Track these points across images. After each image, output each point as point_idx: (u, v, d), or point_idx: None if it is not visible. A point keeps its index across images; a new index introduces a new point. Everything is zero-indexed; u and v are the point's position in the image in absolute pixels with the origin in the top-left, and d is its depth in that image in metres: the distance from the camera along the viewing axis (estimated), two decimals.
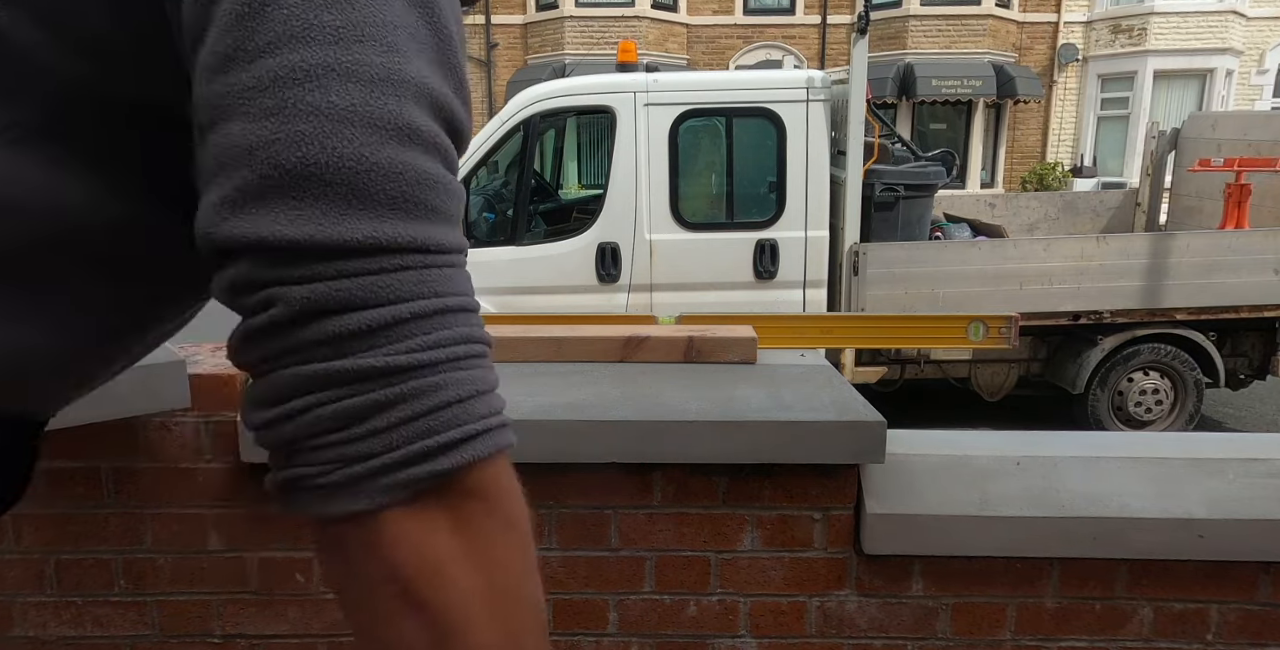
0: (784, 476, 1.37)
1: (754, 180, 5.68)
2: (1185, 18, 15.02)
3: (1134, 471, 1.42)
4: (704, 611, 1.42)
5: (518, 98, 5.72)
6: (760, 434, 1.33)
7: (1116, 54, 15.59)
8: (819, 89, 5.50)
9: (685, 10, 15.83)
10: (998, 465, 1.44)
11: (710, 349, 1.68)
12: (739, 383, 1.53)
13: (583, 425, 1.33)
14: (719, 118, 5.60)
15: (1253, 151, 5.97)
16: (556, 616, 1.43)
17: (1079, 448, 1.50)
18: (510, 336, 1.69)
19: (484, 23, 15.48)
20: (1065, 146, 16.14)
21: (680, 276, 5.45)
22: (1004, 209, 7.21)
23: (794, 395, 1.45)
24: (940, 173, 5.82)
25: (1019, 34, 15.84)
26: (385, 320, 0.45)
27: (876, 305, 5.37)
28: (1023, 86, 15.02)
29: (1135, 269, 5.50)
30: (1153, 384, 5.78)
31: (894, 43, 15.20)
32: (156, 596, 1.41)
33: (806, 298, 5.57)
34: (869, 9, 5.59)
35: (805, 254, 5.54)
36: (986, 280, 5.42)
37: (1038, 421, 5.94)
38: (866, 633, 1.42)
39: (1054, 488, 1.39)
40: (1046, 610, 1.40)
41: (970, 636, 1.41)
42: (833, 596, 1.41)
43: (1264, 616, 1.38)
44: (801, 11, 16.10)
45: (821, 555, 1.40)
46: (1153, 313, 5.59)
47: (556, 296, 5.24)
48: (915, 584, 1.41)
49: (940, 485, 1.40)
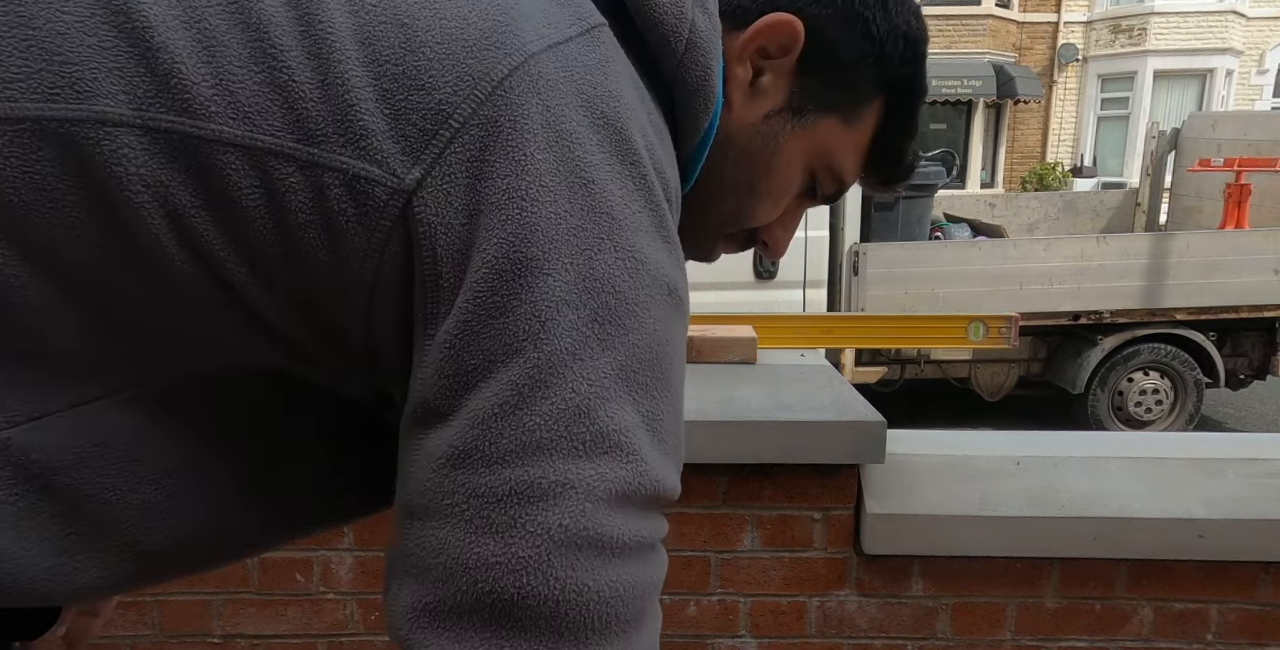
0: (784, 476, 1.37)
1: None
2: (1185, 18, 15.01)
3: (1134, 471, 1.42)
4: (704, 611, 1.42)
5: None
6: (760, 434, 1.33)
7: (1116, 54, 15.59)
8: None
9: None
10: (998, 465, 1.44)
11: (710, 349, 1.68)
12: (739, 383, 1.53)
13: None
14: None
15: (1253, 151, 5.96)
16: None
17: (1079, 448, 1.50)
18: None
19: None
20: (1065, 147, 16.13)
21: None
22: (1004, 209, 7.20)
23: (794, 395, 1.45)
24: (940, 173, 5.82)
25: (1019, 34, 15.83)
26: None
27: (876, 305, 5.36)
28: (1023, 86, 15.00)
29: (1135, 269, 5.50)
30: (1153, 384, 5.77)
31: None
32: (156, 596, 1.41)
33: (806, 298, 5.56)
34: None
35: (805, 254, 5.52)
36: (986, 280, 5.41)
37: (1038, 421, 5.94)
38: (866, 633, 1.42)
39: (1054, 488, 1.39)
40: (1046, 610, 1.40)
41: (970, 636, 1.41)
42: (833, 596, 1.41)
43: (1264, 616, 1.38)
44: None
45: (821, 555, 1.40)
46: (1153, 313, 5.59)
47: None
48: (915, 584, 1.41)
49: (940, 485, 1.40)
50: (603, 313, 0.42)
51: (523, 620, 0.41)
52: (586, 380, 0.42)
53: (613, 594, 0.42)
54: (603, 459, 0.42)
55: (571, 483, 0.41)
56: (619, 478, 0.42)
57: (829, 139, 0.57)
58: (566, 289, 0.42)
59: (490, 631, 0.41)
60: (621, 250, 0.43)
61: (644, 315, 0.44)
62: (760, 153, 0.56)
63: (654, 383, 0.44)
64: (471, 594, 0.41)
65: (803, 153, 0.57)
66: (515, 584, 0.41)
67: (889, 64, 0.56)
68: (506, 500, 0.41)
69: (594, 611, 0.42)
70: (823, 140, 0.57)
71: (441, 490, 0.42)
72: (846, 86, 0.56)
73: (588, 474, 0.42)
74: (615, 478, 0.42)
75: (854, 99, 0.56)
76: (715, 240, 0.63)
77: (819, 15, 0.53)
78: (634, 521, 0.44)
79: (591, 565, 0.42)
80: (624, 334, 0.43)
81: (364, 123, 0.42)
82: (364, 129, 0.42)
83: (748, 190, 0.58)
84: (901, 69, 0.56)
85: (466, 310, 0.42)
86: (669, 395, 0.45)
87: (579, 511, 0.41)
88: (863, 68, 0.55)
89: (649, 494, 0.44)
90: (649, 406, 0.44)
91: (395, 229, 0.42)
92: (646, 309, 0.44)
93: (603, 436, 0.42)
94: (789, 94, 0.55)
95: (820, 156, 0.58)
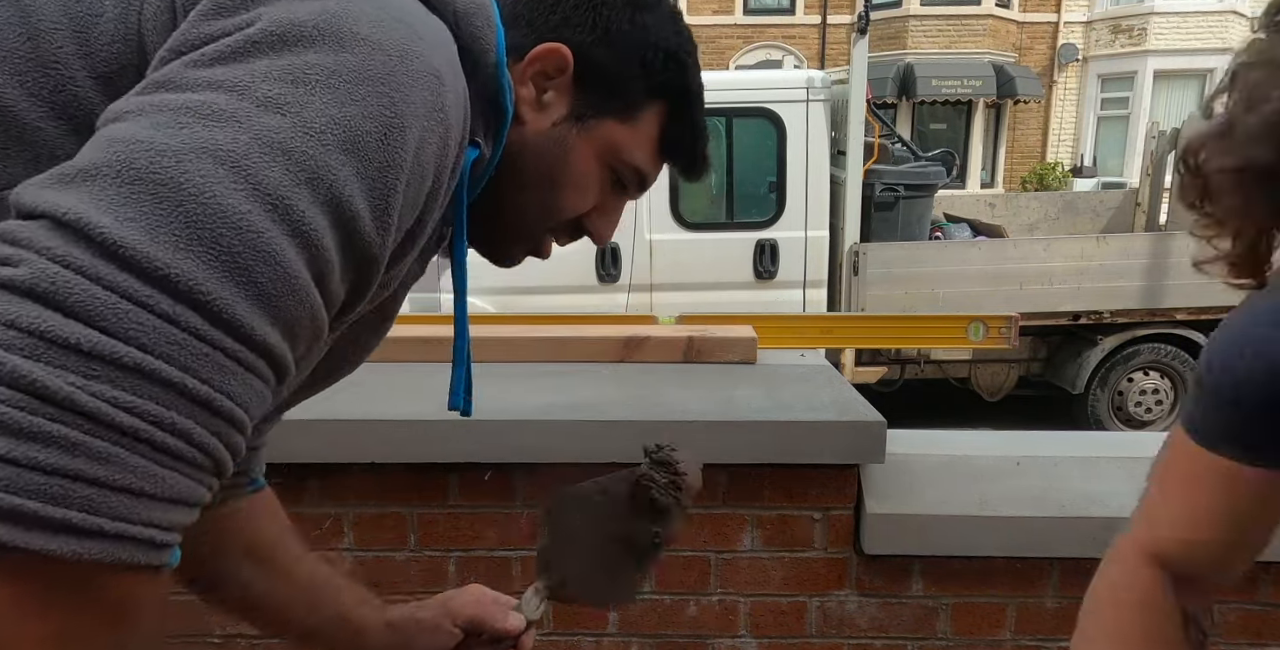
0: (784, 476, 1.37)
1: (754, 180, 5.68)
2: (1185, 18, 15.01)
3: (1134, 471, 1.42)
4: (704, 611, 1.42)
5: None
6: (760, 434, 1.33)
7: (1116, 54, 15.59)
8: (819, 89, 5.49)
9: (685, 10, 15.81)
10: (998, 465, 1.44)
11: (710, 349, 1.68)
12: (739, 383, 1.53)
13: (583, 425, 1.33)
14: (719, 118, 5.58)
15: None
16: (557, 616, 1.43)
17: (1079, 448, 1.50)
18: (510, 336, 1.69)
19: None
20: (1065, 146, 16.13)
21: (680, 276, 5.44)
22: (1004, 209, 7.21)
23: (794, 395, 1.45)
24: (940, 173, 5.82)
25: (1019, 34, 15.83)
26: (108, 355, 0.39)
27: (876, 305, 5.36)
28: (1023, 86, 15.00)
29: (1135, 269, 5.50)
30: (1153, 384, 5.78)
31: (894, 43, 15.19)
32: None
33: (806, 298, 5.56)
34: (869, 9, 5.59)
35: (805, 254, 5.53)
36: (986, 280, 5.42)
37: (1038, 421, 5.94)
38: (866, 633, 1.42)
39: (1054, 488, 1.39)
40: (1046, 610, 1.40)
41: (970, 636, 1.41)
42: (833, 596, 1.41)
43: (1264, 616, 1.38)
44: (801, 11, 16.10)
45: (821, 555, 1.40)
46: (1153, 313, 5.59)
47: (556, 296, 5.23)
48: (915, 584, 1.41)
49: (940, 485, 1.40)
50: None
51: (144, 195, 0.41)
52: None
53: (236, 222, 0.42)
54: (276, 116, 0.45)
55: (240, 116, 0.44)
56: (287, 134, 0.45)
57: (613, 138, 0.68)
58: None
59: (114, 195, 0.41)
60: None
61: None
62: (553, 153, 0.67)
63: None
64: (106, 161, 0.42)
65: (593, 150, 0.68)
66: (151, 161, 0.42)
67: (653, 74, 0.68)
68: (181, 110, 0.44)
69: (210, 225, 0.42)
70: (608, 139, 0.68)
71: (134, 104, 0.45)
72: (618, 95, 0.67)
73: (261, 122, 0.44)
74: (284, 132, 0.45)
75: (627, 105, 0.68)
76: (541, 235, 0.72)
77: (583, 41, 0.65)
78: (296, 189, 0.45)
79: (228, 184, 0.43)
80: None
81: None
82: None
83: (550, 185, 0.68)
84: (666, 77, 0.68)
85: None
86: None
87: (237, 139, 0.43)
88: (629, 79, 0.67)
89: (315, 170, 0.46)
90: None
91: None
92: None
93: (287, 103, 0.45)
94: (571, 105, 0.67)
95: (610, 153, 0.69)
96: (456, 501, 1.39)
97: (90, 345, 0.39)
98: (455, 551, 1.42)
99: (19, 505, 0.38)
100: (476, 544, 1.42)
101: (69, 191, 0.41)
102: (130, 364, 0.40)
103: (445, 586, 1.43)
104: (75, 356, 0.39)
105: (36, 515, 0.38)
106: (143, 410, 0.40)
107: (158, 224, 0.41)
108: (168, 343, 0.40)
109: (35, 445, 0.38)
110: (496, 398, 1.37)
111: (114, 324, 0.39)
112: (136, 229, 0.40)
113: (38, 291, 0.39)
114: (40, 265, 0.39)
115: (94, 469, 0.39)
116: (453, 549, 1.42)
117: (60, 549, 0.39)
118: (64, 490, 0.39)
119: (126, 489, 0.40)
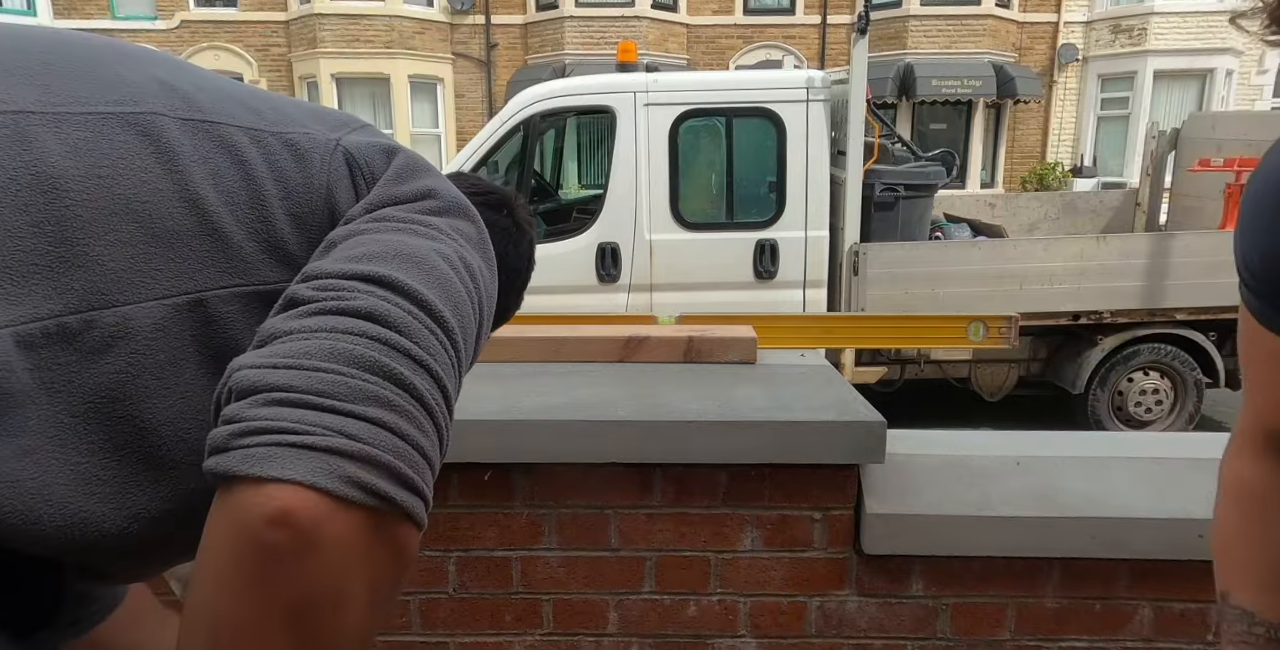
0: (784, 476, 1.37)
1: (754, 180, 5.68)
2: (1185, 18, 15.00)
3: (1134, 471, 1.42)
4: (704, 611, 1.42)
5: (518, 98, 5.71)
6: (760, 434, 1.33)
7: (1116, 54, 15.58)
8: (819, 89, 5.49)
9: (685, 10, 15.81)
10: (998, 465, 1.44)
11: (710, 349, 1.68)
12: (739, 383, 1.53)
13: (583, 425, 1.33)
14: (719, 118, 5.59)
15: (1253, 151, 5.95)
16: (556, 616, 1.43)
17: (1079, 448, 1.50)
18: (510, 336, 1.69)
19: (484, 23, 15.46)
20: (1065, 146, 16.13)
21: (680, 276, 5.44)
22: (1004, 209, 7.21)
23: (794, 395, 1.45)
24: (940, 173, 5.81)
25: (1019, 34, 15.82)
26: (419, 359, 0.56)
27: (876, 305, 5.36)
28: (1023, 86, 14.99)
29: (1135, 269, 5.50)
30: (1153, 384, 5.77)
31: (894, 43, 15.19)
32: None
33: (806, 298, 5.56)
34: (869, 9, 5.59)
35: (805, 254, 5.53)
36: (986, 280, 5.41)
37: (1038, 421, 5.94)
38: (866, 633, 1.42)
39: (1054, 488, 1.39)
40: (1046, 610, 1.40)
41: (970, 636, 1.41)
42: (833, 596, 1.41)
43: None
44: (801, 11, 16.08)
45: (821, 555, 1.40)
46: (1153, 313, 5.58)
47: (556, 296, 5.23)
48: (915, 584, 1.41)
49: (940, 485, 1.40)
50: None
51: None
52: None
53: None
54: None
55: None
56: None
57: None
58: None
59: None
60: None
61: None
62: None
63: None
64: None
65: None
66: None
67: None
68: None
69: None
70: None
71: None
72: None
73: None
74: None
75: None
76: None
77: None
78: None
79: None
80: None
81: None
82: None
83: None
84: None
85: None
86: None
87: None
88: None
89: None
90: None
91: None
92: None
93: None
94: None
95: None
96: (456, 501, 1.40)
97: (412, 352, 0.55)
98: (455, 551, 1.42)
99: (400, 469, 0.51)
100: (476, 544, 1.42)
101: (368, 264, 0.57)
102: (430, 368, 0.55)
103: (446, 586, 1.43)
104: (405, 358, 0.54)
105: (404, 478, 0.51)
106: (438, 399, 0.55)
107: (427, 284, 0.58)
108: (445, 359, 0.57)
109: (398, 417, 0.52)
110: (496, 398, 1.38)
111: (422, 342, 0.56)
112: (420, 284, 0.58)
113: (375, 315, 0.54)
114: (370, 300, 0.55)
115: (422, 440, 0.53)
116: (452, 549, 1.42)
117: (410, 506, 0.51)
118: (411, 457, 0.52)
119: (430, 458, 0.54)
